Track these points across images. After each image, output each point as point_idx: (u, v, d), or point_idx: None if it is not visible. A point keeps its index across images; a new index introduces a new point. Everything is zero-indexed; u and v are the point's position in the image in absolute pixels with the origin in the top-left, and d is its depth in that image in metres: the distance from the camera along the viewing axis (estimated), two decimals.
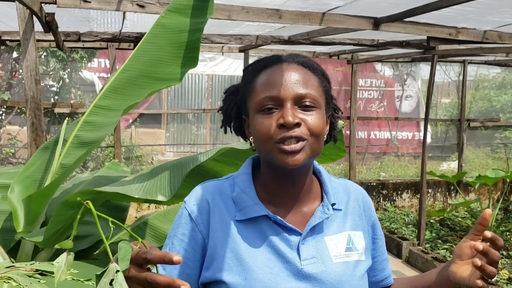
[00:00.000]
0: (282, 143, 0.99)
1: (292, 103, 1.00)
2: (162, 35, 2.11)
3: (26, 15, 2.86)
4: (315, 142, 1.01)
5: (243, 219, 1.05)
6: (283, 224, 1.04)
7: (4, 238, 2.20)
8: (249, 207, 1.05)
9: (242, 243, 1.04)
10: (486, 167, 8.84)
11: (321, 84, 1.06)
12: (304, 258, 1.02)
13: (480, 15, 3.78)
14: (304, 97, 1.01)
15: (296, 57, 1.08)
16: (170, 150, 10.30)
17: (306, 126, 1.00)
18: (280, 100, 1.01)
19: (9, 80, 7.38)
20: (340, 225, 1.10)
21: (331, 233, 1.07)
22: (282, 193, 1.08)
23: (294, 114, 0.99)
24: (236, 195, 1.08)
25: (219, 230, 1.05)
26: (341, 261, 1.05)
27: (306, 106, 1.01)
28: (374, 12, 3.68)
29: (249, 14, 3.44)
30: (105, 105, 2.18)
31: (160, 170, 1.93)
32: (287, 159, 0.99)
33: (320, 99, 1.04)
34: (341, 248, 1.06)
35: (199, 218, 1.07)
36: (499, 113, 10.23)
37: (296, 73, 1.03)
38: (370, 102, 10.27)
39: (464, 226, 6.51)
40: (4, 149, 7.23)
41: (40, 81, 2.86)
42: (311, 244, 1.04)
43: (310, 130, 1.00)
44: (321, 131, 1.02)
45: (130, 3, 3.05)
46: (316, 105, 1.02)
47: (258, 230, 1.05)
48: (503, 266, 5.16)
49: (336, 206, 1.10)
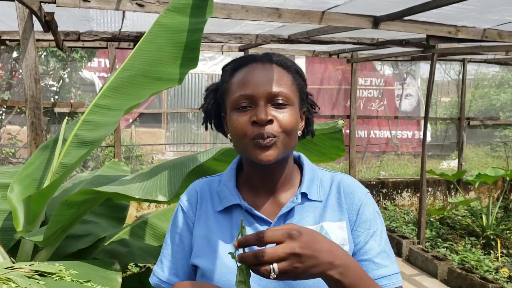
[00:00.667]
0: (256, 139, 1.04)
1: (265, 101, 1.05)
2: (161, 35, 2.11)
3: (25, 15, 2.86)
4: (286, 138, 1.06)
5: (221, 209, 1.14)
6: (254, 213, 1.10)
7: (4, 238, 2.19)
8: (226, 197, 1.14)
9: (216, 231, 1.12)
10: (486, 165, 8.84)
11: (294, 82, 1.11)
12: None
13: (480, 13, 3.77)
14: (277, 95, 1.05)
15: (271, 56, 1.12)
16: (170, 150, 10.31)
17: (278, 123, 1.05)
18: (254, 99, 1.06)
19: (9, 80, 7.38)
20: (316, 216, 1.11)
21: (305, 224, 1.09)
22: (260, 185, 1.14)
23: (267, 112, 1.04)
24: (219, 188, 1.17)
25: (202, 220, 1.15)
26: None
27: (279, 104, 1.06)
28: (374, 10, 3.68)
29: (249, 13, 3.43)
30: (105, 104, 2.17)
31: (160, 170, 1.92)
32: (261, 155, 1.04)
33: (293, 96, 1.08)
34: None
35: (189, 210, 1.18)
36: (498, 112, 10.23)
37: (269, 72, 1.08)
38: (370, 101, 10.27)
39: (464, 225, 6.51)
40: (4, 149, 7.23)
41: (39, 81, 2.86)
42: None
43: (282, 127, 1.05)
44: (293, 128, 1.06)
45: (130, 2, 3.05)
46: (288, 103, 1.06)
47: (232, 219, 1.12)
48: (503, 264, 5.16)
49: (312, 196, 1.12)
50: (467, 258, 5.27)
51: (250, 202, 1.12)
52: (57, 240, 2.06)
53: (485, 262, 5.16)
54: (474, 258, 5.28)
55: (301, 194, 1.11)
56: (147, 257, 2.27)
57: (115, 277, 1.73)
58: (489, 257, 5.35)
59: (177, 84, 2.07)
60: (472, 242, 5.86)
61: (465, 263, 5.14)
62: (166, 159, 8.89)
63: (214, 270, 1.07)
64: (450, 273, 4.59)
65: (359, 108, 9.59)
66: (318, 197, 1.12)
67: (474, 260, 5.23)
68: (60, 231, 1.99)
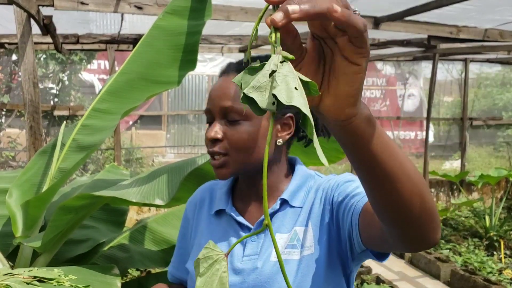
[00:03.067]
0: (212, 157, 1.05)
1: (220, 117, 1.04)
2: (159, 38, 2.09)
3: (23, 18, 2.85)
4: (239, 155, 1.03)
5: (212, 212, 1.15)
6: (236, 219, 1.10)
7: (3, 243, 2.18)
8: (217, 201, 1.15)
9: (206, 235, 1.13)
10: (489, 166, 8.80)
11: None
12: (247, 255, 1.05)
13: (481, 13, 3.76)
14: (227, 110, 1.03)
15: (237, 65, 1.08)
16: (170, 152, 10.29)
17: (227, 140, 1.03)
18: (211, 114, 1.06)
19: (8, 83, 7.37)
20: (291, 222, 1.06)
21: (283, 231, 1.05)
22: (248, 192, 1.14)
23: (216, 130, 1.03)
24: (218, 192, 1.19)
25: (198, 223, 1.19)
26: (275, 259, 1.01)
27: (231, 120, 1.03)
28: (374, 11, 3.66)
29: (248, 14, 3.42)
30: (103, 108, 2.16)
31: (158, 174, 1.91)
32: (215, 172, 1.05)
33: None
34: (282, 246, 1.02)
35: (190, 212, 1.24)
36: (501, 112, 10.19)
37: (227, 85, 1.04)
38: (372, 102, 10.25)
39: (467, 226, 6.48)
40: (4, 152, 7.22)
41: (38, 84, 2.84)
42: (262, 241, 1.05)
43: (231, 145, 1.03)
44: (243, 145, 1.02)
45: (128, 4, 3.04)
46: (242, 118, 1.02)
47: (220, 224, 1.13)
48: (506, 266, 5.12)
49: (294, 203, 1.06)
50: (470, 260, 5.24)
51: (239, 208, 1.12)
52: (56, 246, 2.05)
53: (489, 263, 5.13)
54: (477, 260, 5.24)
55: (282, 200, 1.08)
56: (147, 262, 2.25)
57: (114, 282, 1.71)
58: (492, 259, 5.32)
59: (176, 86, 2.06)
60: (475, 243, 5.82)
61: (468, 264, 5.10)
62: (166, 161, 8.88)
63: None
64: (453, 275, 4.56)
65: None
66: (300, 203, 1.07)
67: (477, 261, 5.20)
68: (59, 237, 1.98)
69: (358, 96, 0.60)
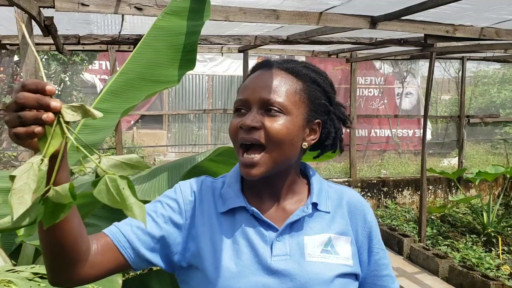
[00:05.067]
0: (244, 151, 1.02)
1: (258, 107, 1.03)
2: (159, 38, 2.13)
3: (25, 20, 2.89)
4: (276, 151, 1.02)
5: (225, 210, 1.08)
6: (260, 218, 1.06)
7: (6, 242, 2.22)
8: (231, 199, 1.08)
9: (219, 233, 1.06)
10: (486, 163, 8.84)
11: (301, 91, 1.06)
12: (276, 254, 1.03)
13: (477, 12, 3.79)
14: (269, 102, 1.02)
15: (284, 63, 1.09)
16: (171, 151, 10.33)
17: (265, 130, 1.01)
18: (248, 103, 1.04)
19: (10, 84, 7.41)
20: (324, 227, 1.09)
21: (312, 233, 1.07)
22: (263, 191, 1.10)
23: (255, 118, 1.02)
24: (223, 189, 1.11)
25: (203, 220, 1.08)
26: (314, 260, 1.04)
27: (271, 111, 1.02)
28: (371, 11, 3.70)
29: (247, 15, 3.46)
30: (104, 108, 2.20)
31: (159, 172, 1.94)
32: (245, 171, 1.03)
33: (293, 105, 1.03)
34: (318, 249, 1.05)
35: (186, 203, 1.09)
36: (498, 109, 10.23)
37: (268, 78, 1.05)
38: (370, 100, 10.29)
39: (465, 222, 6.52)
40: (6, 152, 7.26)
41: None
42: (287, 241, 1.05)
43: (268, 135, 1.01)
44: (283, 137, 1.01)
45: (128, 6, 3.08)
46: (283, 111, 1.02)
47: (236, 222, 1.07)
48: (504, 262, 5.17)
49: (321, 207, 1.10)
50: (468, 256, 5.28)
51: (255, 207, 1.08)
52: None
53: (486, 259, 5.17)
54: (475, 256, 5.29)
55: (313, 204, 1.09)
56: None
57: (115, 279, 1.75)
58: (490, 255, 5.36)
59: (175, 85, 2.09)
60: (473, 239, 5.87)
61: (466, 260, 5.15)
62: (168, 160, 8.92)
63: (217, 274, 1.02)
64: (451, 271, 4.60)
65: (360, 107, 9.61)
66: (326, 208, 1.10)
67: (475, 257, 5.24)
68: None
69: None
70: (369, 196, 7.40)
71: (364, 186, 7.39)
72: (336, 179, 7.51)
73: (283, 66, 1.08)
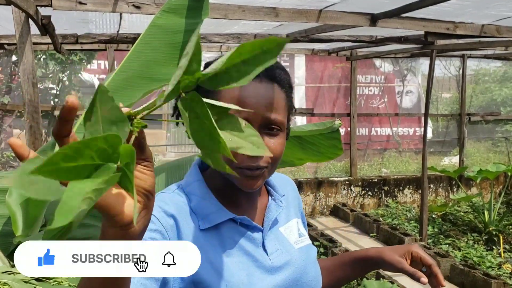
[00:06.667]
0: (243, 169, 0.95)
1: (258, 126, 0.95)
2: (157, 36, 2.10)
3: (22, 19, 2.86)
4: (273, 167, 1.00)
5: (209, 227, 0.99)
6: (248, 224, 1.02)
7: (3, 242, 2.20)
8: (213, 214, 1.00)
9: (212, 251, 0.98)
10: (487, 161, 8.82)
11: (287, 101, 1.01)
12: (271, 252, 1.04)
13: (477, 9, 3.77)
14: (272, 122, 0.96)
15: (273, 72, 0.99)
16: (171, 151, 10.31)
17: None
18: (248, 121, 0.89)
19: (8, 84, 7.39)
20: (287, 214, 1.14)
21: (283, 223, 1.11)
22: (238, 196, 1.06)
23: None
24: (196, 203, 1.01)
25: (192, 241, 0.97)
26: (299, 246, 1.10)
27: (272, 131, 0.97)
28: (371, 8, 3.67)
29: (246, 13, 3.43)
30: None
31: (157, 172, 1.92)
32: (245, 183, 0.97)
33: (285, 119, 1.00)
34: (295, 235, 1.12)
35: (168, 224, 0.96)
36: (499, 107, 10.21)
37: (268, 93, 0.96)
38: (371, 99, 10.26)
39: (466, 221, 6.50)
40: (4, 153, 7.24)
41: (37, 85, 2.86)
42: (272, 237, 1.06)
43: (272, 158, 0.97)
44: (281, 155, 1.00)
45: (126, 4, 3.05)
46: (281, 129, 0.99)
47: (224, 235, 1.01)
48: (506, 260, 5.15)
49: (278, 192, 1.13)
50: (469, 255, 5.26)
51: (236, 213, 1.02)
52: None
53: (488, 258, 5.15)
54: (476, 254, 5.27)
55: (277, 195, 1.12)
56: None
57: None
58: (491, 253, 5.34)
59: None
60: (475, 238, 5.85)
61: (467, 259, 5.13)
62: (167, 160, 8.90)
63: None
64: (453, 269, 4.58)
65: (360, 106, 9.59)
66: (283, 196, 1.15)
67: (476, 256, 5.22)
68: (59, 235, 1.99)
69: None
70: (370, 195, 7.37)
71: (365, 185, 7.37)
72: (337, 178, 7.49)
73: (274, 76, 0.99)
